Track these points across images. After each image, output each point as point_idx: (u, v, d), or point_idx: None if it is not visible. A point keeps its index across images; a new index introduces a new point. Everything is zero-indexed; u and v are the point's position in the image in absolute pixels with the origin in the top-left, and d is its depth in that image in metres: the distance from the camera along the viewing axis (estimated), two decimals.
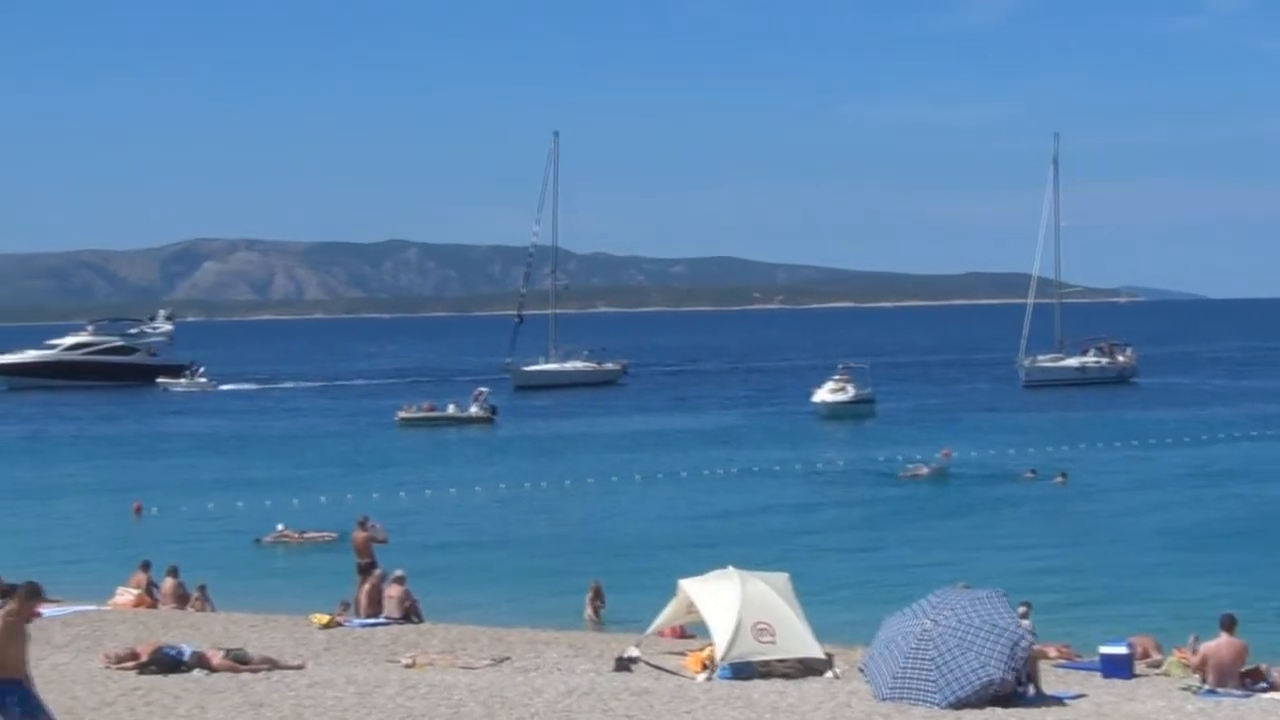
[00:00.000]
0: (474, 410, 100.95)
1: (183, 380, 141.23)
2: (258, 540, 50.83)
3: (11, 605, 16.51)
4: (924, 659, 22.73)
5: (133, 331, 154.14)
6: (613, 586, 38.46)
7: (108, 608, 35.75)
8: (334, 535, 48.24)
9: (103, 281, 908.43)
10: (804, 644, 26.73)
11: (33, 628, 31.94)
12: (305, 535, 50.88)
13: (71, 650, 28.94)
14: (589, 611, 37.08)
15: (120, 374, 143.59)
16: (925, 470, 66.25)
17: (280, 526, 51.75)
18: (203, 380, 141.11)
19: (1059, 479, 63.23)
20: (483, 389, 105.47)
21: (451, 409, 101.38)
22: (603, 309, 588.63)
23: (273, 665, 25.24)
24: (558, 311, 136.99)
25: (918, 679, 22.67)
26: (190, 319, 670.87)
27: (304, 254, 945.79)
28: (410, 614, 33.92)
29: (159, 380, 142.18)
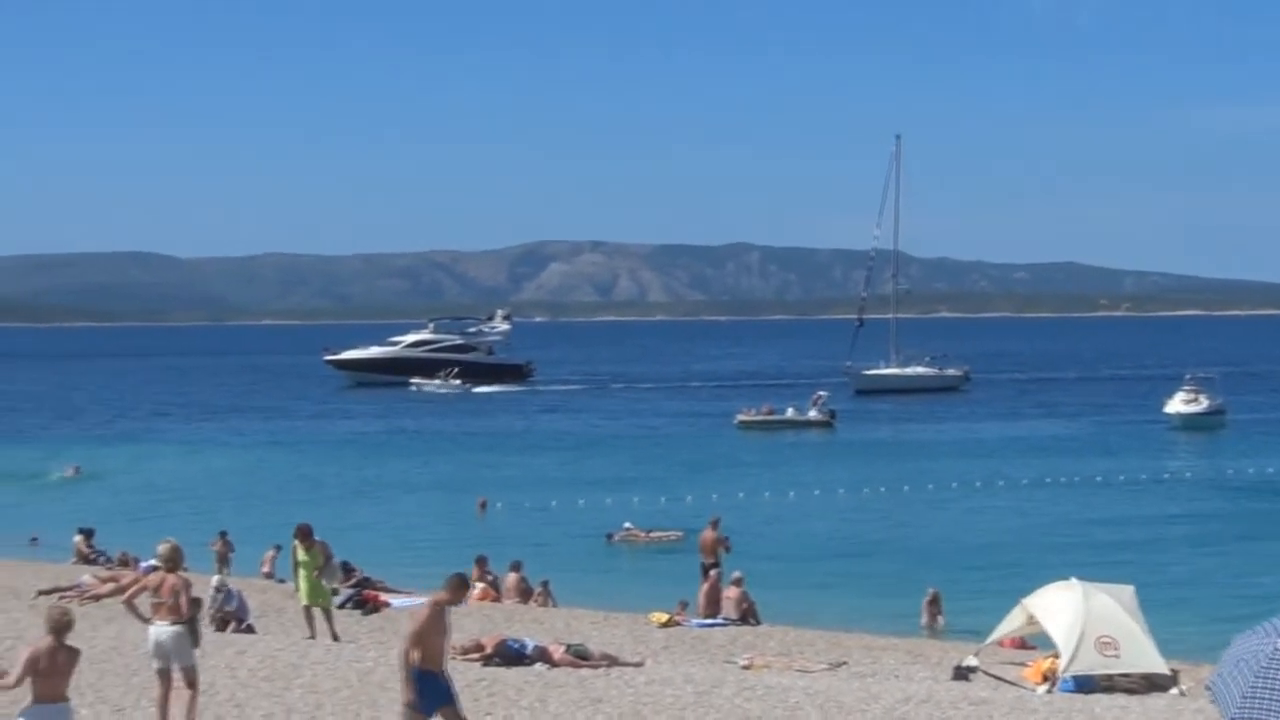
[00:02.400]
0: (813, 414, 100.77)
1: (436, 381, 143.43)
2: (609, 536, 51.52)
3: (439, 595, 16.99)
4: (1275, 679, 21.91)
5: (471, 330, 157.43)
6: (951, 594, 38.02)
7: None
8: (680, 534, 48.66)
9: (452, 281, 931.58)
10: (1148, 659, 26.05)
11: (381, 618, 33.07)
12: (652, 534, 51.37)
13: None
14: (926, 619, 36.71)
15: (457, 372, 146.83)
16: None
17: (628, 524, 52.33)
18: (456, 383, 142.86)
19: None
20: (822, 393, 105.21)
21: (790, 412, 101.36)
22: (944, 314, 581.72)
23: (612, 662, 25.51)
24: (898, 316, 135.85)
25: (1268, 699, 21.87)
26: (536, 319, 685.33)
27: (648, 256, 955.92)
28: (748, 616, 34.01)
29: (412, 381, 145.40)
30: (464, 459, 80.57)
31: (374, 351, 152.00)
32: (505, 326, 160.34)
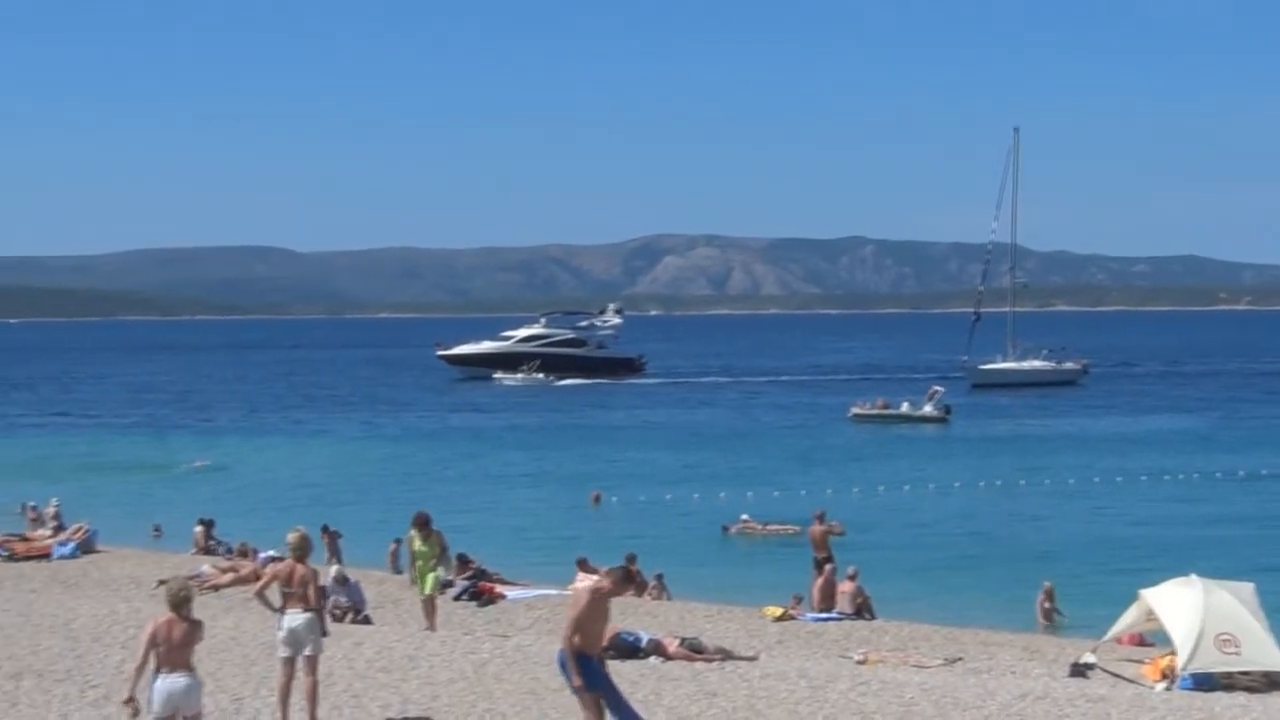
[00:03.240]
0: (928, 408, 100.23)
1: (519, 375, 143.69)
2: (725, 529, 51.52)
3: (601, 584, 17.12)
4: None
5: (583, 325, 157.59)
6: (1068, 590, 37.71)
7: (569, 592, 36.73)
8: (797, 529, 48.61)
9: (567, 275, 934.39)
10: (1270, 657, 25.74)
11: (497, 610, 33.29)
12: (769, 527, 51.27)
13: (534, 632, 29.87)
14: (1043, 615, 36.43)
15: (568, 366, 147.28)
16: None
17: (744, 517, 52.29)
18: (539, 376, 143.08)
19: None
20: (937, 387, 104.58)
21: (905, 406, 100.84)
22: (1061, 308, 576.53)
23: (726, 655, 25.53)
24: (1015, 310, 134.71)
25: None
26: (651, 313, 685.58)
27: (762, 250, 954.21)
28: (863, 610, 33.93)
29: (494, 375, 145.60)
30: (577, 452, 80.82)
31: (486, 346, 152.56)
32: (617, 320, 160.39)
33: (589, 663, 16.73)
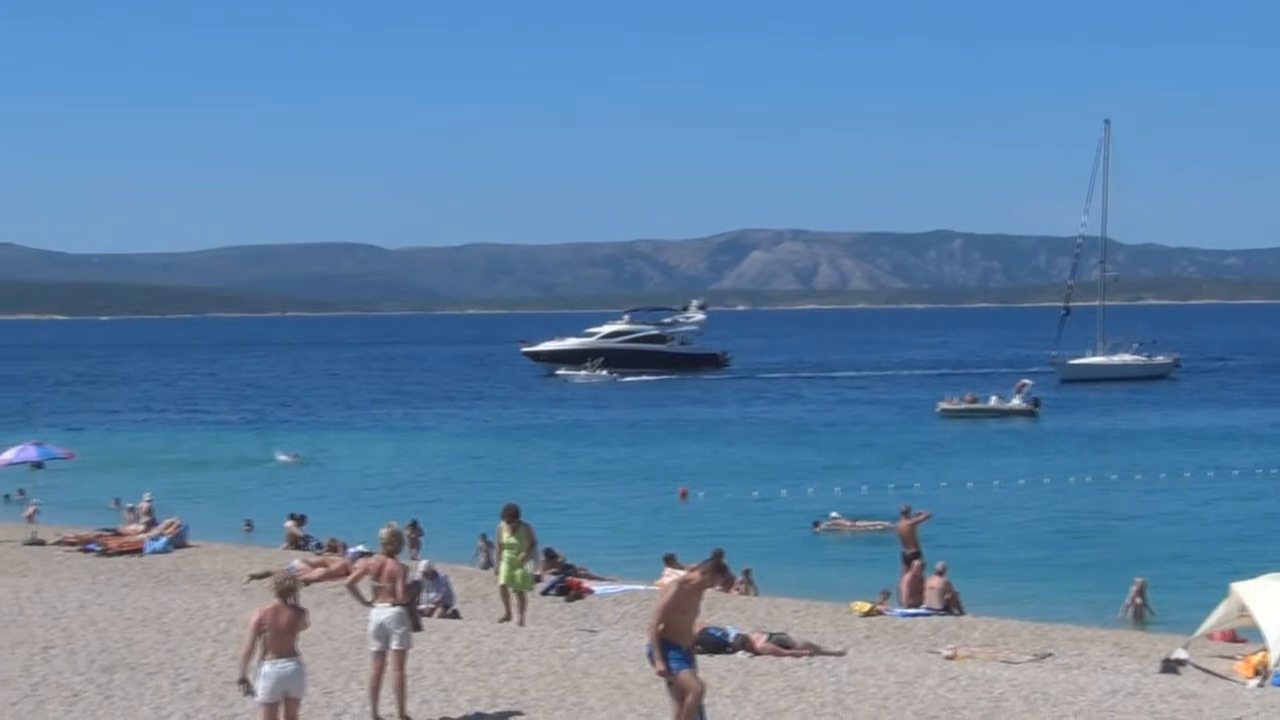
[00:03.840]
0: (1016, 402, 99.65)
1: (582, 371, 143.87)
2: (815, 525, 51.42)
3: (690, 575, 17.14)
4: None
5: (667, 321, 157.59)
6: (1159, 585, 37.38)
7: (655, 588, 36.76)
8: (886, 524, 48.45)
9: (654, 271, 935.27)
10: None
11: (584, 605, 33.35)
12: (858, 523, 51.10)
13: (621, 627, 29.91)
14: (1134, 610, 36.14)
15: (652, 362, 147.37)
16: None
17: (834, 514, 52.15)
18: (602, 373, 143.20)
19: None
20: (1026, 381, 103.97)
21: (994, 401, 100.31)
22: (1150, 301, 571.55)
23: (814, 651, 25.47)
24: (1105, 304, 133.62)
25: None
26: (738, 308, 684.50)
27: (849, 244, 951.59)
28: (951, 605, 33.78)
29: (559, 371, 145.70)
30: (664, 448, 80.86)
31: (570, 343, 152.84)
32: (700, 316, 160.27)
33: (676, 651, 16.72)
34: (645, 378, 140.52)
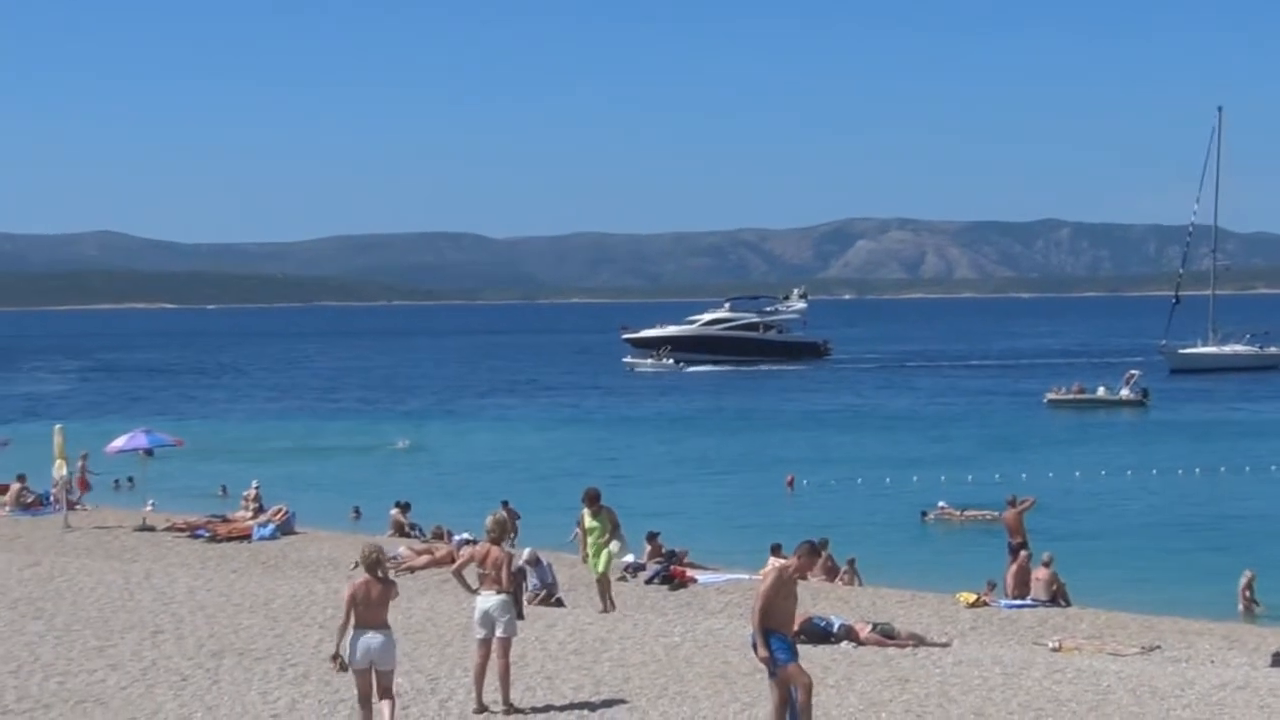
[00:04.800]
0: (1124, 393, 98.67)
1: (649, 361, 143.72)
2: (924, 514, 51.18)
3: (788, 562, 17.13)
4: None
5: (768, 309, 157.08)
6: (1270, 578, 36.93)
7: (760, 577, 36.68)
8: (995, 514, 48.16)
9: (759, 259, 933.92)
10: None
11: (688, 594, 33.37)
12: (966, 513, 50.75)
13: (725, 616, 29.89)
14: (1243, 603, 35.72)
15: (751, 350, 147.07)
16: None
17: (942, 504, 51.84)
18: (669, 362, 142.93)
19: None
20: (1134, 371, 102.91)
21: (1101, 391, 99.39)
22: (1262, 290, 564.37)
23: (919, 642, 25.37)
24: (1216, 293, 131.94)
25: None
26: (845, 297, 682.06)
27: (956, 233, 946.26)
28: (1058, 597, 33.51)
29: (626, 360, 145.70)
30: (769, 437, 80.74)
31: (670, 330, 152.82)
32: (801, 305, 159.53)
33: (780, 640, 16.69)
34: (713, 367, 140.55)
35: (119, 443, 47.87)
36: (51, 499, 47.86)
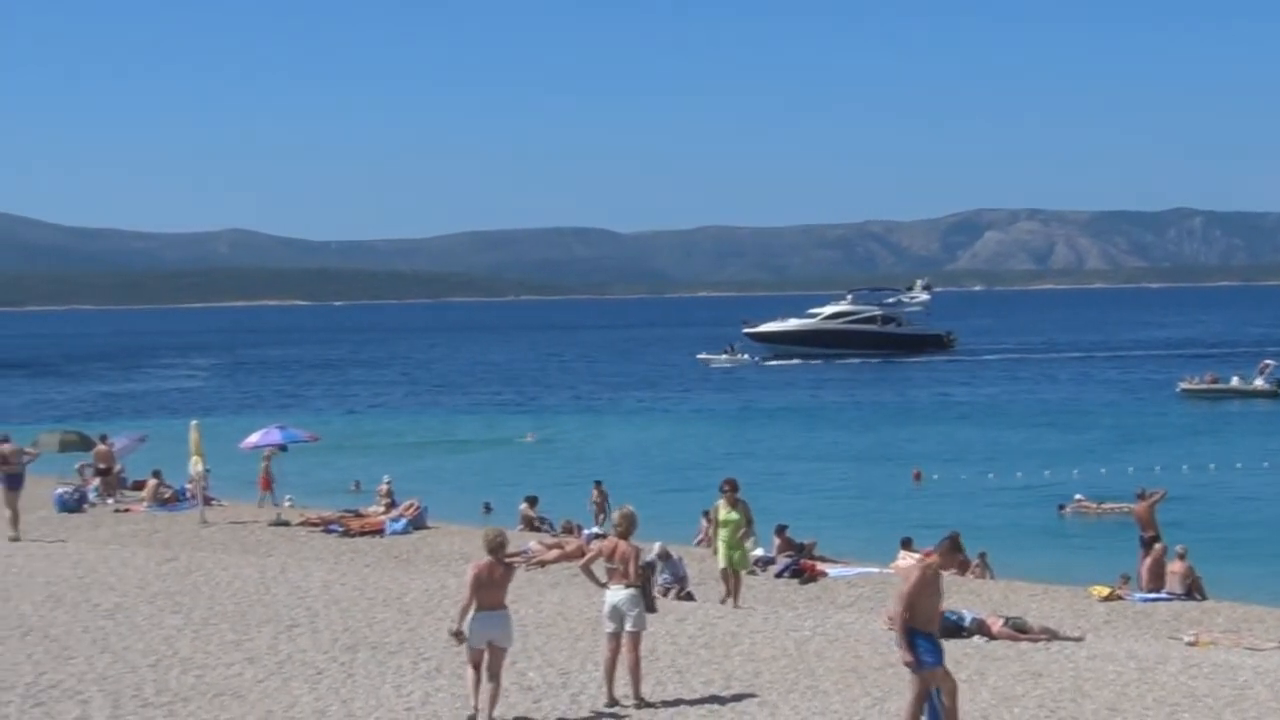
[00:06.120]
0: (1259, 383, 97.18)
1: (723, 356, 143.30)
2: (1061, 507, 50.75)
3: (932, 559, 16.98)
4: None
5: (890, 301, 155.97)
6: None
7: (890, 570, 36.58)
8: (1132, 507, 47.65)
9: (886, 252, 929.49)
10: None
11: (818, 588, 33.30)
12: (1104, 506, 50.23)
13: (855, 610, 29.81)
14: None
15: (873, 344, 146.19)
16: None
17: (1079, 496, 51.37)
18: (742, 357, 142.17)
19: None
20: (1269, 361, 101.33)
21: (1236, 381, 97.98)
22: None
23: (1052, 636, 25.16)
24: None
25: None
26: (975, 288, 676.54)
27: (1086, 223, 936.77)
28: (1193, 590, 33.11)
29: (700, 356, 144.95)
30: (889, 430, 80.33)
31: (792, 324, 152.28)
32: (925, 297, 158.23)
33: (926, 640, 16.45)
34: (786, 362, 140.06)
35: (253, 439, 48.40)
36: (188, 494, 48.52)
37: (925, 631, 16.36)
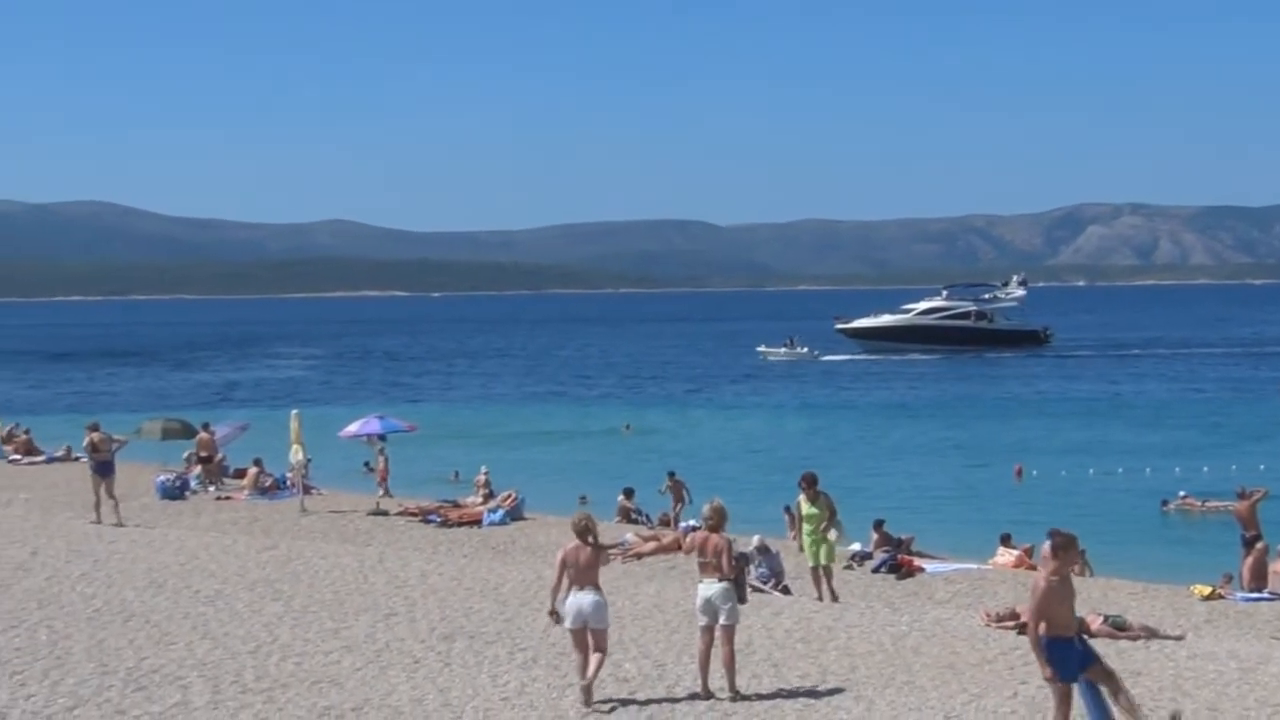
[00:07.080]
0: None
1: (782, 350, 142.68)
2: (1164, 504, 50.29)
3: (1053, 562, 16.41)
4: None
5: (985, 297, 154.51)
6: None
7: (988, 567, 36.36)
8: (1235, 505, 47.07)
9: (987, 246, 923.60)
10: None
11: (915, 583, 33.15)
12: (1208, 504, 49.67)
13: (953, 606, 29.66)
14: None
15: (966, 339, 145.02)
16: None
17: (1183, 493, 50.86)
18: (802, 350, 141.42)
19: None
20: None
21: None
22: None
23: (1152, 634, 24.91)
24: None
25: None
26: (1078, 284, 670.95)
27: (1190, 218, 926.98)
28: None
29: (760, 349, 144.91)
30: (988, 425, 79.77)
31: (885, 319, 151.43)
32: (1020, 292, 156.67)
33: (1062, 648, 16.13)
34: (841, 357, 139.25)
35: (353, 428, 48.74)
36: (288, 483, 48.92)
37: (1065, 637, 15.95)
